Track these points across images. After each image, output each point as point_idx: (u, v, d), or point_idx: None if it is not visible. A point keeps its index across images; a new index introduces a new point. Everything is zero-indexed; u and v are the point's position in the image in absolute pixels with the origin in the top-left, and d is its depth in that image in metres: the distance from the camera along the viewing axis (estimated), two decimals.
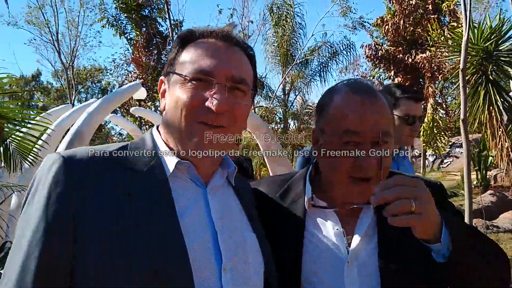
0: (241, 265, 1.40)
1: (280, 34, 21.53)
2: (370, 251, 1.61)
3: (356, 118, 1.60)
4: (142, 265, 1.20)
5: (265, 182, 1.96)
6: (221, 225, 1.40)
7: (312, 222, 1.72)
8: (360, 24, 23.01)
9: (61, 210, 1.21)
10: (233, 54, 1.44)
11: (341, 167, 1.62)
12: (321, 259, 1.64)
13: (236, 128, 1.44)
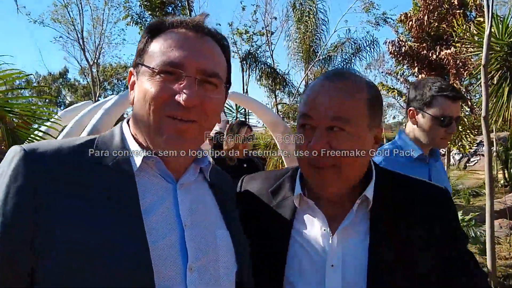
0: (211, 265, 1.35)
1: (302, 30, 21.39)
2: (360, 255, 1.53)
3: (310, 101, 1.55)
4: (101, 264, 1.15)
5: (259, 177, 1.91)
6: (191, 223, 1.35)
7: (301, 221, 1.66)
8: (383, 20, 22.80)
9: (19, 204, 1.17)
10: (204, 44, 1.37)
11: (298, 153, 1.58)
12: (305, 260, 1.59)
13: (207, 122, 1.38)
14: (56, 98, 42.74)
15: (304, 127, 1.56)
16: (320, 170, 1.53)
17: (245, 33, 24.33)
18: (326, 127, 1.50)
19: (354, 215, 1.57)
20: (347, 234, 1.57)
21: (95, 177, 1.26)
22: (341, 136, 1.49)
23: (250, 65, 22.46)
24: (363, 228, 1.57)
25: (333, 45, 22.40)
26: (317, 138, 1.49)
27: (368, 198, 1.58)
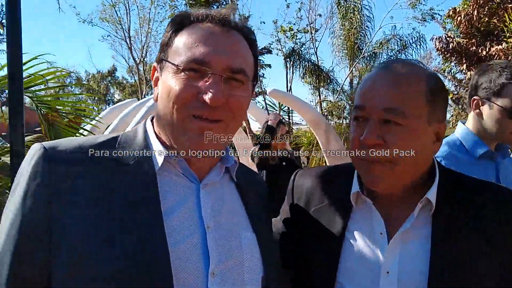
0: (235, 269, 1.30)
1: (347, 27, 21.05)
2: (419, 262, 1.41)
3: (364, 92, 1.47)
4: (117, 267, 1.13)
5: (313, 172, 1.81)
6: (214, 224, 1.30)
7: (356, 221, 1.57)
8: (430, 16, 22.11)
9: (37, 203, 1.17)
10: (231, 40, 1.32)
11: (351, 147, 1.50)
12: (359, 264, 1.49)
13: (234, 122, 1.34)
14: (105, 96, 43.91)
15: (358, 120, 1.49)
16: (371, 165, 1.45)
17: (289, 30, 24.18)
18: (380, 120, 1.42)
19: (415, 219, 1.46)
20: (405, 239, 1.46)
21: (115, 176, 1.25)
22: (396, 130, 1.40)
23: (294, 63, 22.29)
24: (424, 233, 1.46)
25: (378, 42, 21.90)
26: (370, 131, 1.41)
27: (431, 201, 1.47)
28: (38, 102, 4.56)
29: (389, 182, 1.47)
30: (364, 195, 1.56)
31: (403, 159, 1.41)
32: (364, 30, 21.50)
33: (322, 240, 1.59)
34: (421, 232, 1.46)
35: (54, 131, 4.62)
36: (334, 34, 22.50)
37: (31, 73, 4.51)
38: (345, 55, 22.12)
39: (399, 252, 1.45)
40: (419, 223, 1.47)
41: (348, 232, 1.56)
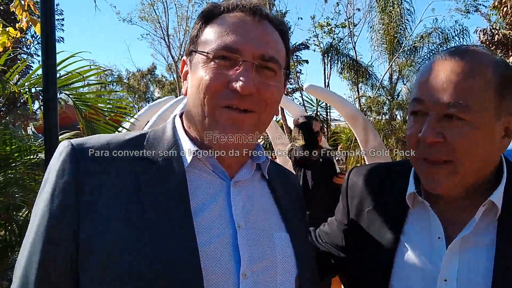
0: (267, 270, 1.24)
1: (386, 21, 20.66)
2: (481, 271, 1.29)
3: (423, 83, 1.34)
4: (147, 268, 1.08)
5: (369, 170, 1.70)
6: (245, 224, 1.25)
7: (412, 224, 1.45)
8: (474, 7, 21.42)
9: (64, 203, 1.14)
10: (262, 28, 1.27)
11: (408, 145, 1.38)
12: (414, 270, 1.39)
13: (266, 113, 1.27)
14: (145, 94, 44.70)
15: (416, 114, 1.37)
16: (431, 165, 1.33)
17: (327, 25, 23.94)
18: (440, 115, 1.29)
19: (477, 224, 1.33)
20: (466, 245, 1.34)
21: (143, 174, 1.21)
22: (459, 126, 1.27)
23: (332, 58, 22.08)
24: (487, 239, 1.33)
25: (419, 35, 21.38)
26: (429, 127, 1.29)
27: (496, 204, 1.32)
28: (76, 99, 4.61)
29: (452, 184, 1.33)
30: (421, 196, 1.44)
31: (467, 158, 1.28)
32: (404, 24, 21.07)
33: (376, 243, 1.49)
34: (484, 238, 1.33)
35: (92, 128, 4.66)
36: (373, 29, 22.16)
37: (69, 70, 4.56)
38: (385, 49, 21.76)
39: (458, 259, 1.33)
40: (482, 228, 1.34)
41: (404, 235, 1.45)
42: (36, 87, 4.31)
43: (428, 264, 1.37)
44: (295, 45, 28.03)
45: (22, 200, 3.63)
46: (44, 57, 2.78)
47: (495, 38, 14.46)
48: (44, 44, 2.76)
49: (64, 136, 5.05)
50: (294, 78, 28.85)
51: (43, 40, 2.76)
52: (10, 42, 4.89)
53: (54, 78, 2.82)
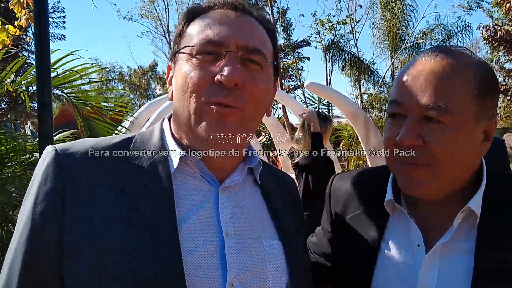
0: (256, 280, 1.19)
1: (388, 17, 20.62)
2: (461, 276, 1.26)
3: (401, 85, 1.30)
4: (127, 277, 1.05)
5: (350, 177, 1.66)
6: (234, 232, 1.20)
7: (392, 232, 1.42)
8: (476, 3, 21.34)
9: (48, 209, 1.11)
10: (245, 21, 1.23)
11: (386, 146, 1.33)
12: (394, 278, 1.35)
13: (251, 111, 1.21)
14: (146, 91, 44.68)
15: (394, 116, 1.33)
16: (408, 168, 1.28)
17: (328, 22, 23.85)
18: (420, 117, 1.25)
19: (455, 231, 1.30)
20: (446, 253, 1.31)
21: (128, 179, 1.17)
22: (438, 129, 1.23)
23: (333, 55, 22.02)
24: (467, 247, 1.29)
25: (421, 31, 21.33)
26: (408, 130, 1.25)
27: (474, 211, 1.29)
28: (74, 98, 4.58)
29: (429, 187, 1.30)
30: (399, 203, 1.41)
31: (447, 162, 1.25)
32: (407, 20, 21.06)
33: (358, 250, 1.46)
34: (464, 245, 1.30)
35: (90, 127, 4.63)
36: (374, 25, 22.12)
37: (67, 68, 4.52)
38: (387, 46, 21.75)
39: (438, 267, 1.30)
40: (462, 235, 1.31)
41: (384, 242, 1.42)
42: (33, 86, 4.27)
43: (408, 272, 1.34)
44: (297, 41, 27.94)
45: (18, 199, 3.59)
46: (38, 55, 2.73)
47: (498, 35, 14.38)
48: (37, 41, 2.72)
49: (62, 135, 5.02)
50: (295, 75, 28.81)
51: (37, 37, 2.72)
52: (10, 39, 4.85)
53: (49, 77, 2.78)
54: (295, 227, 1.41)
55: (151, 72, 44.88)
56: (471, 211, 1.29)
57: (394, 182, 1.44)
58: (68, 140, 5.03)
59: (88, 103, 4.64)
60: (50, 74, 2.83)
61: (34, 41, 2.73)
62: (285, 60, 28.39)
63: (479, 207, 1.29)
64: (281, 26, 25.07)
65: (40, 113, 2.73)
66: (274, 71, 1.32)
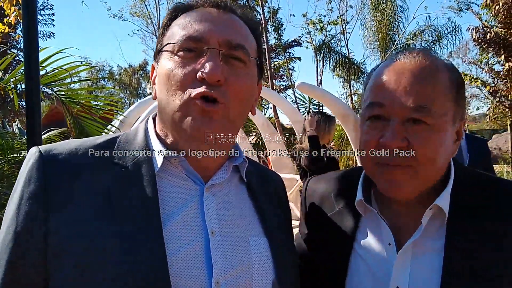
0: (242, 277, 1.19)
1: (379, 18, 20.70)
2: (430, 276, 1.27)
3: (381, 87, 1.30)
4: (112, 277, 1.04)
5: (326, 179, 1.68)
6: (219, 230, 1.20)
7: (364, 232, 1.43)
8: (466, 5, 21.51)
9: (31, 211, 1.10)
10: (228, 18, 1.23)
11: (365, 148, 1.33)
12: (367, 278, 1.37)
13: (236, 106, 1.20)
14: (137, 90, 44.52)
15: (375, 119, 1.32)
16: (391, 169, 1.29)
17: (319, 22, 23.91)
18: (403, 119, 1.26)
19: (425, 229, 1.31)
20: (417, 251, 1.32)
21: (112, 180, 1.17)
22: (422, 130, 1.25)
23: (324, 55, 22.07)
24: (437, 245, 1.31)
25: (412, 33, 21.45)
26: (393, 132, 1.25)
27: (442, 208, 1.31)
28: (64, 96, 4.54)
29: (412, 188, 1.31)
30: (370, 203, 1.43)
31: (429, 162, 1.27)
32: (397, 21, 21.16)
33: (331, 251, 1.48)
34: (434, 244, 1.32)
35: (80, 126, 4.59)
36: (365, 26, 22.18)
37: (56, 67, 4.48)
38: (377, 47, 21.81)
39: (410, 265, 1.31)
40: (432, 233, 1.33)
41: (356, 242, 1.44)
42: (21, 84, 4.22)
43: (380, 271, 1.35)
44: (288, 42, 27.98)
45: (6, 198, 3.55)
46: (27, 53, 2.70)
47: (487, 37, 14.48)
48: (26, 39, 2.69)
49: (51, 134, 4.98)
50: (286, 75, 28.85)
51: (25, 35, 2.69)
52: None
53: (37, 75, 2.74)
54: (281, 224, 1.42)
55: (142, 71, 44.78)
56: (440, 209, 1.31)
57: (364, 182, 1.47)
58: (57, 138, 4.99)
59: (77, 101, 4.60)
60: (39, 72, 2.79)
61: (23, 39, 2.70)
62: (276, 60, 28.43)
63: (447, 205, 1.31)
64: (272, 26, 25.12)
65: (29, 112, 2.70)
66: (258, 69, 1.31)
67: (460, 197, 1.34)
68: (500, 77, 16.48)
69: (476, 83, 17.95)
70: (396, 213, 1.40)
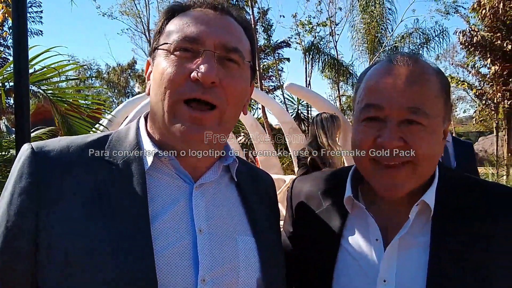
0: (229, 275, 1.21)
1: (368, 20, 20.80)
2: (417, 271, 1.31)
3: (378, 89, 1.34)
4: (100, 274, 1.06)
5: (311, 179, 1.72)
6: (207, 228, 1.22)
7: (351, 228, 1.47)
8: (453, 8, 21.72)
9: (22, 207, 1.11)
10: (224, 21, 1.25)
11: (361, 148, 1.36)
12: (355, 273, 1.40)
13: (230, 108, 1.23)
14: (125, 89, 44.25)
15: (371, 120, 1.36)
16: (389, 169, 1.33)
17: (308, 24, 23.99)
18: (400, 120, 1.30)
19: (412, 225, 1.35)
20: (404, 246, 1.36)
21: (103, 177, 1.18)
22: (418, 130, 1.30)
23: (313, 57, 22.13)
24: (423, 240, 1.35)
25: (400, 35, 21.60)
26: (391, 133, 1.29)
27: (429, 204, 1.36)
28: (52, 95, 4.52)
29: (410, 186, 1.36)
30: (358, 200, 1.47)
31: (425, 161, 1.32)
32: (385, 23, 21.27)
33: (319, 248, 1.51)
34: (420, 239, 1.36)
35: (68, 124, 4.58)
36: (354, 28, 22.27)
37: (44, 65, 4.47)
38: (365, 49, 21.91)
39: (397, 260, 1.35)
40: (418, 229, 1.37)
41: (344, 239, 1.47)
42: (9, 82, 4.20)
43: (368, 266, 1.39)
44: (277, 42, 28.02)
45: None
46: (16, 51, 2.70)
47: (474, 40, 14.65)
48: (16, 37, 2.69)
49: (40, 132, 4.96)
50: (275, 76, 28.87)
51: (15, 33, 2.68)
52: None
53: (26, 73, 2.74)
54: (270, 224, 1.44)
55: (130, 70, 44.48)
56: (426, 204, 1.36)
57: (353, 180, 1.51)
58: (45, 137, 4.97)
59: (65, 100, 4.59)
60: (28, 71, 2.79)
61: (12, 37, 2.69)
62: (265, 61, 28.45)
63: (433, 201, 1.36)
64: (262, 27, 25.13)
65: (18, 110, 2.69)
66: (251, 70, 1.34)
67: (444, 194, 1.39)
68: (486, 80, 16.69)
69: (463, 86, 18.17)
70: (383, 210, 1.43)
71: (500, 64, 14.65)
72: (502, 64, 14.63)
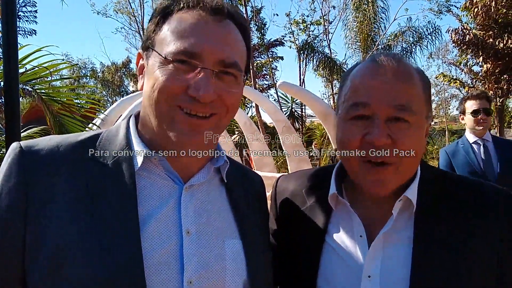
0: (215, 277, 1.21)
1: (361, 19, 20.85)
2: (401, 266, 1.33)
3: (366, 87, 1.36)
4: (88, 275, 1.06)
5: (295, 177, 1.74)
6: (195, 230, 1.22)
7: (335, 225, 1.48)
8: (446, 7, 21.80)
9: (11, 206, 1.11)
10: (224, 31, 1.21)
11: (349, 147, 1.37)
12: (339, 269, 1.41)
13: (227, 117, 1.25)
14: (119, 88, 44.05)
15: (357, 119, 1.37)
16: (378, 167, 1.34)
17: (302, 22, 24.01)
18: (387, 118, 1.32)
19: (395, 220, 1.37)
20: (388, 242, 1.38)
21: (93, 177, 1.17)
22: (405, 127, 1.32)
23: (307, 55, 22.16)
24: (406, 235, 1.37)
25: (393, 34, 21.68)
26: (380, 130, 1.30)
27: (411, 200, 1.38)
28: (44, 94, 4.50)
29: (394, 184, 1.38)
30: (342, 197, 1.49)
31: (410, 159, 1.34)
32: (378, 22, 21.36)
33: (303, 244, 1.52)
34: (404, 235, 1.38)
35: (60, 124, 4.57)
36: (347, 26, 22.33)
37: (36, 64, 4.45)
38: (359, 47, 21.96)
39: (381, 256, 1.37)
40: (401, 224, 1.39)
41: (328, 235, 1.48)
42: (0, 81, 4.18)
43: (353, 262, 1.40)
44: (271, 41, 28.02)
45: None
46: (6, 50, 2.69)
47: (466, 38, 14.73)
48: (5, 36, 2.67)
49: (31, 131, 4.93)
50: (269, 74, 28.87)
51: (4, 32, 2.67)
52: None
53: (16, 72, 2.73)
54: (259, 226, 1.44)
55: (124, 68, 44.29)
56: (409, 200, 1.38)
57: (337, 176, 1.52)
58: (37, 136, 4.94)
59: (58, 99, 4.57)
60: (18, 70, 2.77)
61: (2, 36, 2.68)
62: (259, 59, 28.44)
63: (415, 196, 1.39)
64: (255, 26, 25.11)
65: (8, 109, 2.68)
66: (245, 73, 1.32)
67: (426, 190, 1.41)
68: (478, 78, 16.78)
69: (455, 84, 18.24)
70: (367, 207, 1.45)
71: (492, 62, 14.74)
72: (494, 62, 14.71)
